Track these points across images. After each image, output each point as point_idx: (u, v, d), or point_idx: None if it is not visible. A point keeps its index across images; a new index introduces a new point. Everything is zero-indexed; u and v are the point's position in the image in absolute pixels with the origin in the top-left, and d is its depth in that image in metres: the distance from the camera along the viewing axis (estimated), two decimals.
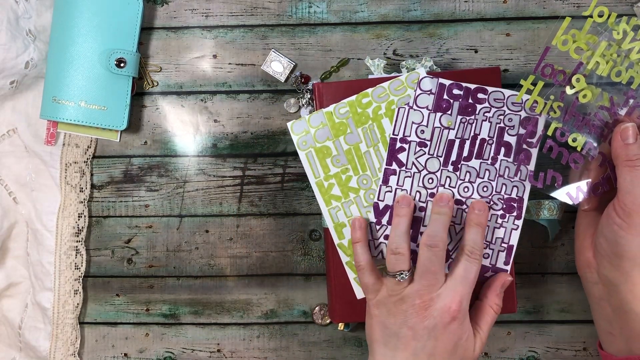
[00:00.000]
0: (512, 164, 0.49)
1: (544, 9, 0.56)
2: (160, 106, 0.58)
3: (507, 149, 0.49)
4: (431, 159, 0.49)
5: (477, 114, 0.49)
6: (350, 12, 0.57)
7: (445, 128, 0.49)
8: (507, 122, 0.49)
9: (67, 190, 0.58)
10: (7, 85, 0.55)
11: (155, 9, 0.58)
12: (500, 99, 0.48)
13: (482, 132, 0.49)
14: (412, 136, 0.49)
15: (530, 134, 0.48)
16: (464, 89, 0.49)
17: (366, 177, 0.50)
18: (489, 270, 0.50)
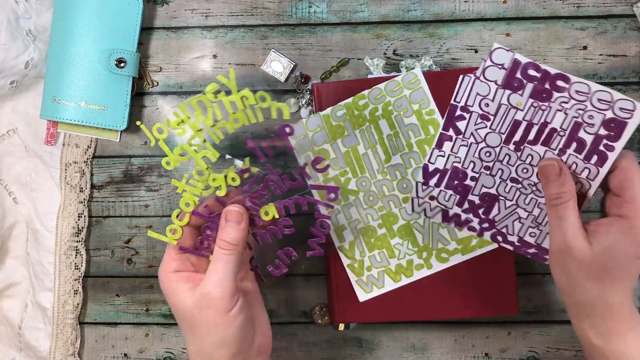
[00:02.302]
0: (583, 161, 0.45)
1: (544, 9, 0.56)
2: (160, 106, 0.58)
3: (579, 145, 0.45)
4: (492, 134, 0.47)
5: (552, 102, 0.45)
6: (350, 12, 0.57)
7: (513, 107, 0.46)
8: (587, 118, 0.44)
9: (67, 190, 0.58)
10: (7, 85, 0.55)
11: (155, 9, 0.58)
12: (585, 92, 0.44)
13: (554, 121, 0.45)
14: (474, 107, 0.47)
15: (612, 138, 0.44)
16: (542, 71, 0.44)
17: (365, 179, 0.50)
18: (532, 247, 0.49)
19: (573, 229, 0.42)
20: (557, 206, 0.43)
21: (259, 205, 0.45)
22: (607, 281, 0.41)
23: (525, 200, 0.48)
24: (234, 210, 0.43)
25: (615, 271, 0.41)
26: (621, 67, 0.56)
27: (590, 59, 0.56)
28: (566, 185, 0.43)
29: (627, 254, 0.41)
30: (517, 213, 0.49)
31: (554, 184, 0.44)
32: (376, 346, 0.58)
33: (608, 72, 0.56)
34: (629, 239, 0.41)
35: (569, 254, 0.42)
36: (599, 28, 0.56)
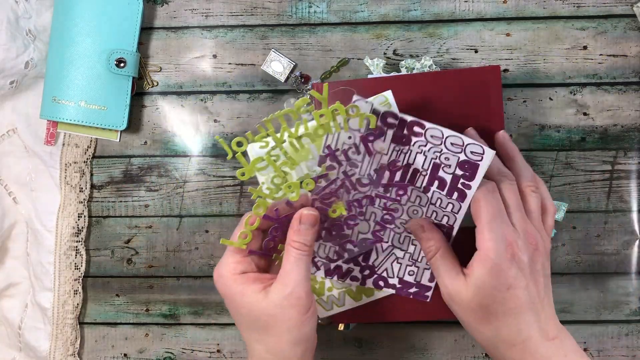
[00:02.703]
0: (446, 197, 0.47)
1: (544, 9, 0.56)
2: (160, 106, 0.58)
3: (440, 183, 0.47)
4: (362, 179, 0.47)
5: (411, 146, 0.47)
6: (350, 12, 0.57)
7: (378, 153, 0.47)
8: (444, 160, 0.46)
9: (67, 190, 0.58)
10: (7, 85, 0.55)
11: (155, 9, 0.58)
12: (438, 137, 0.46)
13: (416, 163, 0.47)
14: (342, 156, 0.46)
15: (467, 177, 0.46)
16: (400, 119, 0.46)
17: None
18: (413, 287, 0.50)
19: (448, 277, 0.43)
20: (431, 259, 0.45)
21: (329, 206, 0.47)
22: (493, 319, 0.41)
23: (400, 239, 0.49)
24: (308, 213, 0.44)
25: (494, 307, 0.41)
26: (621, 67, 0.56)
27: (590, 59, 0.56)
28: (431, 239, 0.46)
29: (494, 287, 0.41)
30: (394, 254, 0.50)
31: (422, 240, 0.46)
32: (376, 346, 0.58)
33: (608, 72, 0.56)
34: (487, 272, 0.41)
35: (452, 302, 0.43)
36: (599, 28, 0.56)
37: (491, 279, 0.41)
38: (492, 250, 0.41)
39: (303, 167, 0.47)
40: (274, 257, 0.47)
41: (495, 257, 0.41)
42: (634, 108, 0.56)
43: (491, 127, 0.51)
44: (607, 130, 0.56)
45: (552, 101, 0.56)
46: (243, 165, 0.44)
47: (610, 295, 0.57)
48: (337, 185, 0.47)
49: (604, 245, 0.57)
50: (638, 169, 0.56)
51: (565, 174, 0.56)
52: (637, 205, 0.56)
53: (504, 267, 0.41)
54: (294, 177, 0.46)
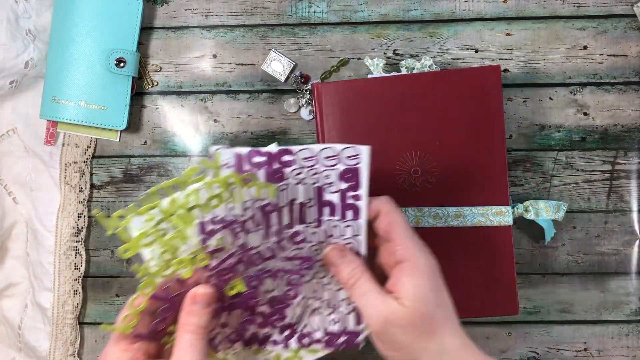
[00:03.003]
0: (341, 222, 0.44)
1: (544, 9, 0.56)
2: (160, 106, 0.58)
3: (330, 208, 0.44)
4: (252, 234, 0.44)
5: (287, 179, 0.43)
6: (350, 11, 0.57)
7: (257, 200, 0.43)
8: (325, 179, 0.43)
9: (66, 190, 0.58)
10: (6, 85, 0.55)
11: (155, 9, 0.58)
12: (311, 156, 0.43)
13: (298, 196, 0.44)
14: (238, 227, 0.43)
15: (353, 187, 0.43)
16: (266, 154, 0.42)
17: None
18: (340, 336, 0.46)
19: (380, 298, 0.40)
20: (354, 285, 0.42)
21: (225, 282, 0.43)
22: (437, 329, 0.40)
23: (312, 289, 0.46)
24: (202, 292, 0.40)
25: (438, 314, 0.40)
26: (621, 67, 0.56)
27: (590, 59, 0.56)
28: (354, 262, 0.43)
29: (432, 290, 0.40)
30: (310, 306, 0.46)
31: (342, 266, 0.43)
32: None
33: (608, 72, 0.56)
34: (421, 277, 0.40)
35: (390, 325, 0.40)
36: (599, 28, 0.56)
37: (428, 283, 0.40)
38: (421, 257, 0.41)
39: (195, 240, 0.42)
40: (163, 340, 0.42)
41: (427, 263, 0.41)
42: (634, 108, 0.56)
43: (491, 128, 0.51)
44: (607, 130, 0.56)
45: (552, 101, 0.56)
46: (125, 241, 0.40)
47: (610, 295, 0.57)
48: (235, 259, 0.43)
49: (604, 245, 0.57)
50: (638, 169, 0.56)
51: (565, 174, 0.56)
52: (637, 205, 0.56)
53: (435, 271, 0.41)
54: (185, 251, 0.42)
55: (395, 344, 0.40)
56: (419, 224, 0.52)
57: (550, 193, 0.56)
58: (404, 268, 0.40)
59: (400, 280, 0.40)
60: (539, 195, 0.56)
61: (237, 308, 0.45)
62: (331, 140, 0.52)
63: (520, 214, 0.53)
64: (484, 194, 0.52)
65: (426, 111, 0.52)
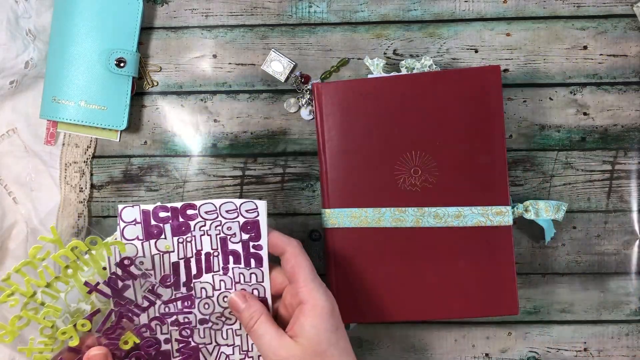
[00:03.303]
0: (246, 269, 0.47)
1: (544, 9, 0.56)
2: (160, 106, 0.58)
3: (235, 257, 0.47)
4: (161, 288, 0.46)
5: (193, 231, 0.46)
6: (350, 11, 0.57)
7: (165, 252, 0.46)
8: (227, 230, 0.46)
9: (66, 190, 0.58)
10: (6, 85, 0.55)
11: (155, 9, 0.58)
12: (212, 210, 0.46)
13: (204, 246, 0.47)
14: (105, 288, 0.44)
15: (254, 238, 0.46)
16: (171, 209, 0.45)
17: None
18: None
19: (277, 339, 0.43)
20: (253, 327, 0.45)
21: (117, 339, 0.44)
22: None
23: (222, 335, 0.48)
24: (96, 354, 0.42)
25: (330, 351, 0.43)
26: (621, 67, 0.56)
27: (590, 59, 0.56)
28: (253, 306, 0.45)
29: (327, 330, 0.43)
30: (223, 353, 0.48)
31: (242, 311, 0.46)
32: (376, 346, 0.58)
33: (608, 72, 0.56)
34: (318, 317, 0.43)
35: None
36: (599, 28, 0.56)
37: (324, 324, 0.43)
38: (321, 298, 0.44)
39: (71, 309, 0.44)
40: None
41: (326, 303, 0.44)
42: (634, 108, 0.56)
43: (491, 127, 0.51)
44: (607, 130, 0.56)
45: (552, 101, 0.56)
46: (2, 328, 0.41)
47: (610, 295, 0.57)
48: (116, 317, 0.44)
49: (604, 245, 0.57)
50: (638, 169, 0.56)
51: (565, 174, 0.56)
52: (637, 205, 0.56)
53: (333, 311, 0.44)
54: (64, 322, 0.44)
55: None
56: (419, 224, 0.52)
57: (550, 193, 0.56)
58: (303, 309, 0.43)
59: (299, 320, 0.43)
60: (539, 195, 0.56)
61: (143, 358, 0.46)
62: (331, 140, 0.52)
63: (520, 214, 0.53)
64: (484, 194, 0.52)
65: (426, 111, 0.52)
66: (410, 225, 0.52)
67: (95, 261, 0.43)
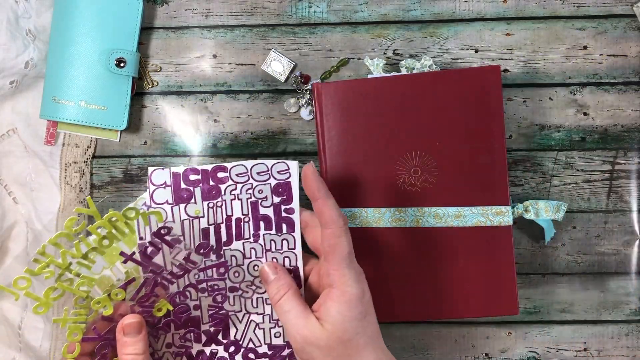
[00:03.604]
0: (277, 236, 0.46)
1: (544, 9, 0.56)
2: (160, 106, 0.58)
3: (266, 223, 0.46)
4: (192, 253, 0.45)
5: (223, 195, 0.45)
6: (350, 12, 0.57)
7: (195, 218, 0.45)
8: (258, 194, 0.45)
9: (67, 190, 0.58)
10: (6, 85, 0.55)
11: (155, 9, 0.58)
12: (243, 172, 0.45)
13: (234, 212, 0.45)
14: (141, 257, 0.44)
15: (286, 201, 0.45)
16: (201, 172, 0.45)
17: None
18: (284, 349, 0.48)
19: (302, 318, 0.42)
20: (279, 302, 0.43)
21: (150, 307, 0.44)
22: (354, 353, 0.41)
23: (252, 303, 0.47)
24: (130, 322, 0.42)
25: (356, 339, 0.41)
26: (621, 67, 0.56)
27: (590, 59, 0.56)
28: (282, 279, 0.44)
29: (354, 318, 0.41)
30: (253, 321, 0.47)
31: (270, 283, 0.44)
32: None
33: (608, 72, 0.56)
34: (346, 305, 0.41)
35: (308, 344, 0.41)
36: (599, 28, 0.56)
37: (350, 312, 0.41)
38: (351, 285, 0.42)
39: (105, 280, 0.44)
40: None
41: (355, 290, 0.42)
42: (634, 108, 0.56)
43: (491, 128, 0.51)
44: (607, 130, 0.56)
45: (552, 101, 0.56)
46: (36, 300, 0.41)
47: (610, 295, 0.57)
48: (150, 285, 0.44)
49: (604, 245, 0.57)
50: (638, 169, 0.56)
51: (565, 174, 0.56)
52: (637, 205, 0.56)
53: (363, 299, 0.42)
54: (99, 292, 0.44)
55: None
56: (419, 224, 0.52)
57: (550, 193, 0.56)
58: (331, 293, 0.42)
59: (326, 304, 0.42)
60: (539, 195, 0.56)
61: (174, 324, 0.46)
62: (331, 140, 0.52)
63: (520, 214, 0.53)
64: (484, 194, 0.52)
65: (426, 111, 0.52)
66: (410, 225, 0.52)
67: (132, 231, 0.43)
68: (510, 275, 0.52)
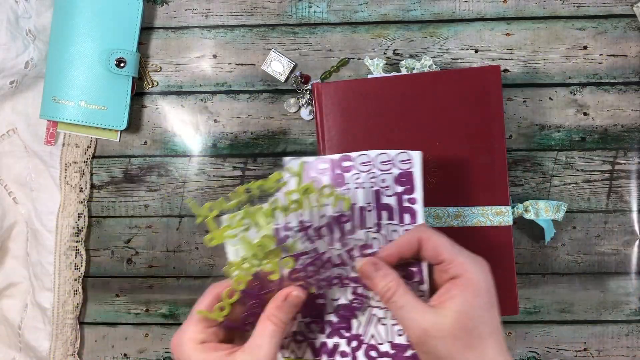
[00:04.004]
0: (399, 226, 0.45)
1: (544, 9, 0.56)
2: (160, 106, 0.58)
3: (389, 212, 0.45)
4: (317, 241, 0.45)
5: (348, 184, 0.45)
6: (350, 12, 0.57)
7: (322, 206, 0.45)
8: (381, 183, 0.45)
9: (67, 190, 0.58)
10: (7, 85, 0.55)
11: (155, 9, 0.58)
12: (367, 162, 0.45)
13: (358, 200, 0.45)
14: (293, 222, 0.44)
15: (408, 191, 0.44)
16: (329, 161, 0.45)
17: None
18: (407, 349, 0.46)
19: (419, 311, 0.41)
20: (391, 298, 0.42)
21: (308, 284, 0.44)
22: (478, 343, 0.40)
23: (376, 297, 0.46)
24: (297, 295, 0.43)
25: (481, 329, 0.40)
26: (621, 67, 0.56)
27: (590, 59, 0.56)
28: (388, 276, 0.42)
29: (480, 307, 0.40)
30: (375, 315, 0.46)
31: (376, 280, 0.43)
32: None
33: (608, 72, 0.56)
34: (472, 293, 0.40)
35: (430, 337, 0.40)
36: (599, 28, 0.56)
37: (478, 300, 0.40)
38: (476, 272, 0.41)
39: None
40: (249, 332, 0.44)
41: (481, 277, 0.41)
42: (634, 108, 0.56)
43: (491, 128, 0.51)
44: (607, 130, 0.56)
45: (552, 101, 0.56)
46: (212, 230, 0.41)
47: (610, 295, 0.57)
48: (309, 262, 0.44)
49: (604, 245, 0.57)
50: (638, 169, 0.56)
51: (565, 174, 0.56)
52: (637, 205, 0.56)
53: (490, 289, 0.41)
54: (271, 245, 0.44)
55: (436, 355, 0.40)
56: None
57: (550, 193, 0.56)
58: (457, 282, 0.41)
59: (450, 293, 0.40)
60: (539, 195, 0.56)
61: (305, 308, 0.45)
62: (331, 140, 0.52)
63: (520, 214, 0.53)
64: (483, 194, 0.52)
65: (426, 111, 0.52)
66: None
67: (317, 206, 0.43)
68: (510, 275, 0.52)
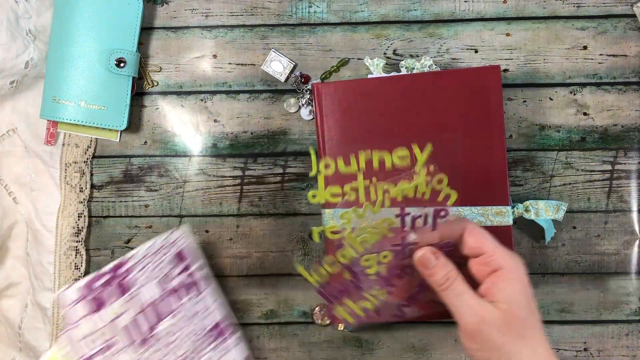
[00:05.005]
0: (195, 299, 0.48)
1: (544, 9, 0.56)
2: (160, 106, 0.58)
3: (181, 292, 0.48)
4: (123, 353, 0.46)
5: (134, 287, 0.47)
6: (350, 12, 0.57)
7: (116, 317, 0.46)
8: (164, 266, 0.47)
9: (67, 190, 0.58)
10: (7, 85, 0.55)
11: (155, 9, 0.58)
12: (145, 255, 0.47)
13: (147, 296, 0.47)
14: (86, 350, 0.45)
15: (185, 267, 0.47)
16: (103, 274, 0.47)
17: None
18: None
19: (475, 299, 0.42)
20: (449, 287, 0.43)
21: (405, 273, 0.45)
22: (530, 333, 0.41)
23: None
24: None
25: (531, 319, 0.42)
26: (621, 67, 0.56)
27: (590, 59, 0.56)
28: (448, 265, 0.43)
29: (528, 299, 0.42)
30: None
31: (436, 269, 0.43)
32: (376, 346, 0.58)
33: (608, 72, 0.56)
34: (519, 285, 0.42)
35: (484, 324, 0.41)
36: (599, 28, 0.56)
37: (525, 289, 0.42)
38: (519, 264, 0.42)
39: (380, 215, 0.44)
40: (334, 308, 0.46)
41: (523, 272, 0.42)
42: (634, 108, 0.56)
43: (491, 128, 0.51)
44: (607, 130, 0.56)
45: (552, 101, 0.56)
46: (319, 188, 0.42)
47: (610, 295, 0.57)
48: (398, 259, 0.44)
49: (604, 245, 0.57)
50: (638, 169, 0.56)
51: (565, 174, 0.56)
52: (637, 205, 0.56)
53: (528, 282, 0.43)
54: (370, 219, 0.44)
55: (489, 344, 0.41)
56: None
57: (550, 193, 0.56)
58: (501, 275, 0.42)
59: (497, 285, 0.41)
60: (539, 195, 0.56)
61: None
62: (331, 140, 0.52)
63: (520, 214, 0.53)
64: (484, 194, 0.52)
65: (426, 111, 0.52)
66: None
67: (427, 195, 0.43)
68: None
